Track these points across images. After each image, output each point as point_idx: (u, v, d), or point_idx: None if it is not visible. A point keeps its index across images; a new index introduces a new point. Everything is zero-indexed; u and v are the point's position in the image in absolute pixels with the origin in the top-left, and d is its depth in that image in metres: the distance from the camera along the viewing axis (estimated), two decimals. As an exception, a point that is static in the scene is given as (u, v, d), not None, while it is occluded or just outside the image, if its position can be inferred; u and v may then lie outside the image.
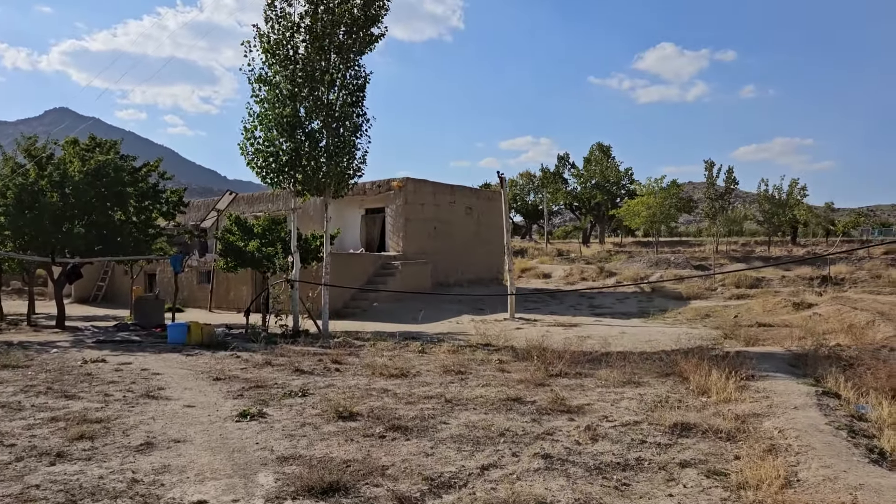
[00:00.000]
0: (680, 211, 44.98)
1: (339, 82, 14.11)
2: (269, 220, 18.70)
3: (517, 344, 12.53)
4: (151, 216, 18.77)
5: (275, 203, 28.95)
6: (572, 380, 8.72)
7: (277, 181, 14.40)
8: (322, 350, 12.18)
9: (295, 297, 15.01)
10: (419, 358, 11.07)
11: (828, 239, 56.73)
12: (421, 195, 25.94)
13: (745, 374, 7.98)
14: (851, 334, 11.83)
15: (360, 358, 11.14)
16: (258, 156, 14.14)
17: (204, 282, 26.17)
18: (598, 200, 57.31)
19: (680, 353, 10.13)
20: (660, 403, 7.15)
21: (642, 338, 14.60)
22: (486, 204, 29.09)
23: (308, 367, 10.07)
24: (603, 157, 59.97)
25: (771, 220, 41.37)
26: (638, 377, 8.63)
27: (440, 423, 6.53)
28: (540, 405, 7.17)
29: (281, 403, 7.60)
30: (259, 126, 14.17)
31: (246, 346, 13.09)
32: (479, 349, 11.93)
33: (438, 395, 7.82)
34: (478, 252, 28.39)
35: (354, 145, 14.38)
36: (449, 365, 9.94)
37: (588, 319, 19.41)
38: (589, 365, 9.54)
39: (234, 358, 11.35)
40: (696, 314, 19.44)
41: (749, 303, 20.58)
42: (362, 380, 9.05)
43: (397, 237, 25.40)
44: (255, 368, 10.13)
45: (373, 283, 22.99)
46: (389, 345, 12.64)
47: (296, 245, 15.23)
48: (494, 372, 9.53)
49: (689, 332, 15.45)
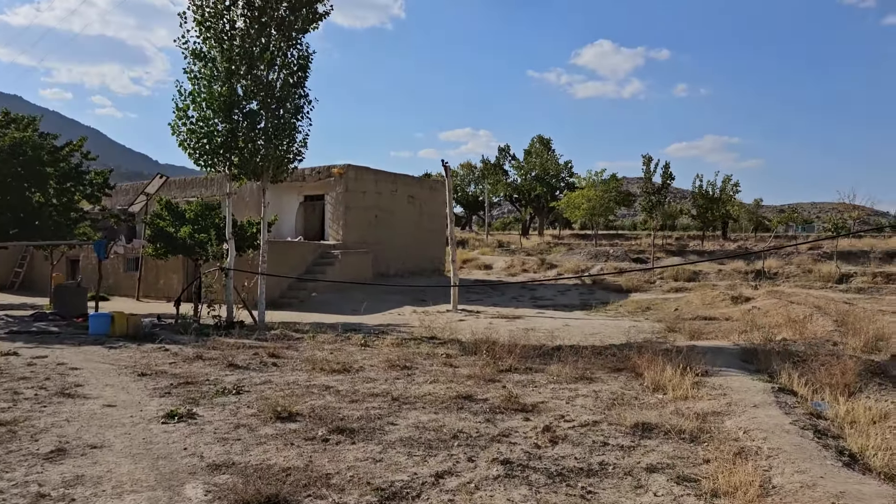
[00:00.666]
0: (619, 204, 45.63)
1: (280, 61, 13.38)
2: (203, 205, 17.79)
3: (463, 337, 12.17)
4: (74, 199, 17.58)
5: (209, 188, 27.77)
6: (523, 375, 8.39)
7: (212, 164, 13.59)
8: (258, 343, 11.53)
9: (229, 286, 14.24)
10: (362, 352, 10.58)
11: (756, 234, 58.65)
12: (362, 183, 25.29)
13: (699, 370, 7.82)
14: (793, 328, 11.93)
15: (298, 351, 10.56)
16: (191, 136, 13.29)
17: (132, 269, 24.86)
18: (537, 192, 57.63)
19: (630, 348, 9.96)
20: (616, 401, 6.89)
21: (587, 330, 14.47)
22: (428, 193, 28.65)
23: (243, 362, 9.44)
24: (543, 150, 60.33)
25: (705, 214, 42.38)
26: (590, 372, 8.37)
27: (388, 423, 6.08)
28: (493, 403, 6.80)
29: (213, 402, 7.00)
30: (192, 105, 13.31)
31: (175, 338, 12.31)
32: (423, 342, 11.51)
33: (384, 393, 7.36)
34: (420, 242, 27.94)
35: (295, 128, 13.69)
36: (394, 359, 9.48)
37: (531, 311, 19.25)
38: (539, 360, 9.24)
39: (162, 351, 10.59)
40: (637, 307, 19.54)
41: (688, 296, 20.82)
42: (302, 375, 8.50)
43: (337, 225, 24.70)
44: (185, 363, 9.44)
45: (312, 273, 22.26)
46: (330, 337, 12.09)
47: (231, 231, 14.45)
48: (441, 367, 9.13)
49: (632, 325, 15.43)
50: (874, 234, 38.43)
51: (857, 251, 30.72)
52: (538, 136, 61.34)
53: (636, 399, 7.00)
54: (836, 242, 27.97)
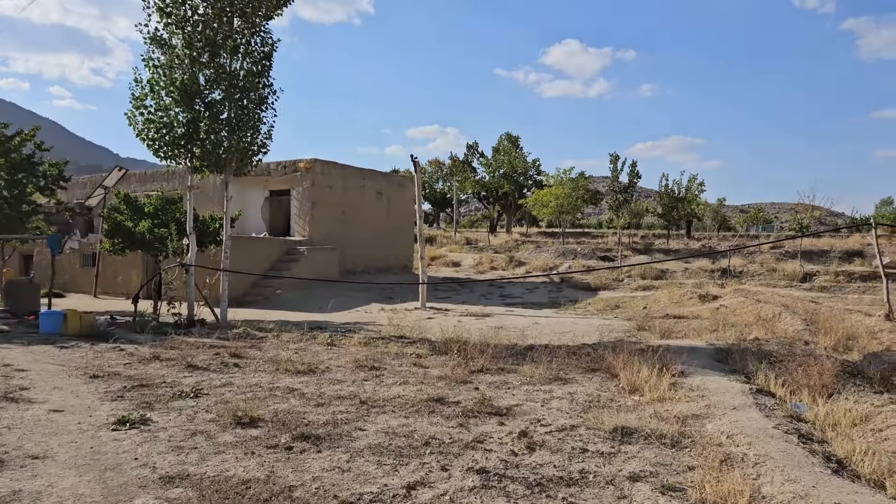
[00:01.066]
0: (587, 203, 45.78)
1: (244, 49, 12.91)
2: (163, 198, 17.19)
3: (432, 336, 11.88)
4: (26, 191, 16.84)
5: (170, 181, 27.00)
6: (496, 376, 8.14)
7: (172, 155, 13.05)
8: (219, 342, 11.08)
9: (190, 283, 13.73)
10: (328, 351, 10.21)
11: (719, 233, 59.46)
12: (329, 178, 24.82)
13: (675, 370, 7.64)
14: (764, 327, 11.90)
15: (262, 351, 10.15)
16: (149, 126, 12.74)
17: (88, 265, 24.04)
18: (505, 190, 57.56)
19: (604, 348, 9.78)
20: (592, 403, 6.67)
21: (557, 329, 14.29)
22: (396, 190, 28.28)
23: (202, 363, 9.02)
24: (511, 148, 60.29)
25: (671, 213, 42.73)
26: (564, 373, 8.15)
27: (356, 429, 5.76)
28: (465, 406, 6.52)
29: (169, 407, 6.59)
30: (151, 94, 12.77)
31: (132, 337, 11.78)
32: (392, 341, 11.18)
33: (352, 396, 7.03)
34: (388, 239, 27.57)
35: (259, 119, 13.23)
36: (361, 359, 9.15)
37: (500, 309, 19.04)
38: (512, 360, 8.99)
39: (117, 351, 10.09)
40: (605, 305, 19.47)
41: (656, 294, 20.82)
42: (265, 377, 8.12)
43: (303, 221, 24.20)
44: (141, 364, 8.98)
45: (276, 270, 21.75)
46: (295, 336, 11.70)
47: (192, 226, 13.93)
48: (411, 367, 8.83)
49: (602, 324, 15.31)
50: (833, 234, 39.13)
51: (818, 250, 31.20)
52: (506, 133, 61.30)
53: (612, 401, 6.78)
54: (801, 242, 28.34)
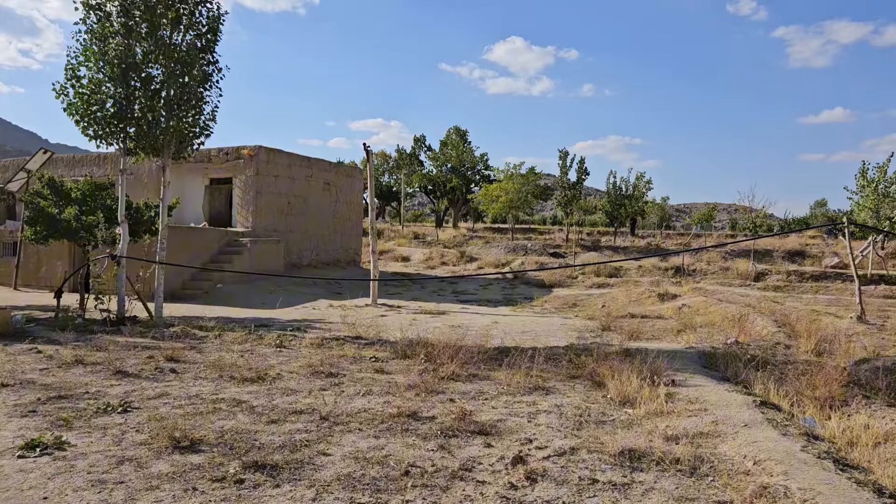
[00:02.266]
0: (537, 198, 45.49)
1: (186, 20, 11.73)
2: (91, 184, 15.75)
3: (390, 336, 11.02)
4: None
5: (101, 167, 25.24)
6: (468, 384, 7.34)
7: (103, 135, 11.78)
8: (153, 342, 9.96)
9: (121, 276, 12.47)
10: (278, 354, 9.23)
11: (662, 231, 60.23)
12: (275, 166, 23.57)
13: (664, 378, 7.00)
14: (735, 329, 11.48)
15: (202, 354, 9.10)
16: (79, 99, 11.44)
17: (8, 254, 22.17)
18: (453, 184, 56.84)
19: (577, 351, 9.11)
20: (583, 418, 5.94)
21: (517, 328, 13.63)
22: (345, 181, 27.19)
23: (134, 368, 7.93)
24: (459, 142, 59.60)
25: (618, 211, 42.81)
26: (542, 380, 7.42)
27: (319, 454, 4.87)
28: (442, 423, 5.71)
29: (91, 425, 5.56)
30: (85, 63, 11.48)
31: (53, 336, 10.52)
32: (347, 343, 10.26)
33: (310, 409, 6.13)
34: (335, 232, 26.49)
35: (202, 98, 12.07)
36: (316, 364, 8.22)
37: (454, 307, 18.30)
38: (483, 365, 8.21)
39: (34, 354, 8.87)
40: (563, 303, 18.96)
41: (612, 292, 20.45)
42: (206, 386, 7.12)
43: (247, 212, 22.90)
44: (61, 369, 7.83)
45: (217, 262, 20.45)
46: (239, 336, 10.65)
47: (124, 214, 12.66)
48: (372, 374, 7.95)
49: (564, 323, 14.73)
50: (778, 235, 39.82)
51: (762, 250, 31.61)
52: (454, 126, 60.56)
53: (604, 415, 6.08)
54: (753, 243, 28.59)
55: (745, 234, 52.23)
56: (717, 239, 45.64)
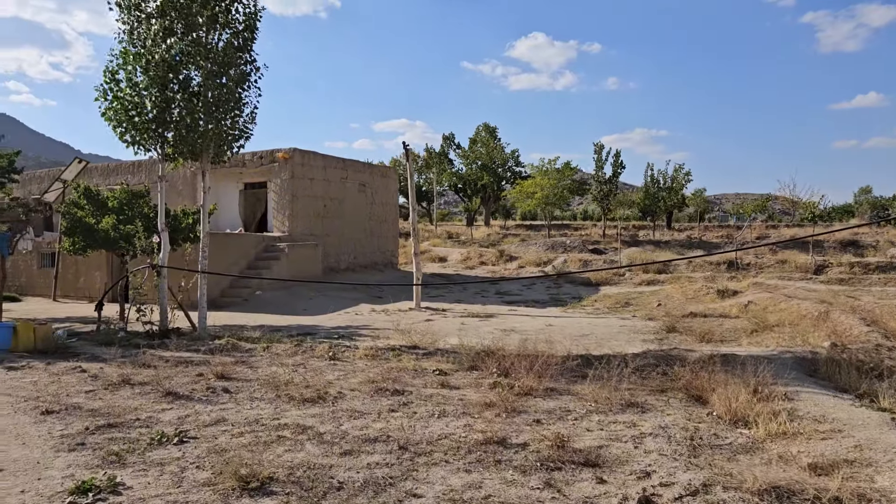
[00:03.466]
0: (573, 194, 44.50)
1: (223, 18, 11.21)
2: (128, 192, 15.38)
3: (447, 344, 10.37)
4: (-29, 184, 14.91)
5: (136, 175, 25.03)
6: (549, 401, 6.65)
7: (141, 141, 11.32)
8: (201, 357, 9.43)
9: (163, 286, 12.00)
10: (332, 368, 8.63)
11: (700, 223, 58.75)
12: (310, 169, 23.08)
13: (775, 391, 6.24)
14: (818, 328, 10.61)
15: (254, 369, 8.53)
16: (118, 103, 10.98)
17: (47, 265, 21.99)
18: (484, 182, 56.07)
19: (655, 358, 8.36)
20: (695, 442, 5.22)
21: (574, 331, 12.90)
22: (380, 181, 26.62)
23: (184, 388, 7.38)
24: (489, 139, 58.83)
25: (657, 204, 41.67)
26: (631, 394, 6.70)
27: (408, 495, 4.23)
28: (538, 451, 5.03)
29: (146, 459, 4.99)
30: (124, 66, 11.05)
31: (96, 352, 10.06)
32: (403, 353, 9.63)
33: (383, 436, 5.49)
34: (372, 234, 25.95)
35: (241, 99, 11.54)
36: (377, 379, 7.61)
37: (502, 308, 17.61)
38: (560, 377, 7.50)
39: (78, 373, 8.38)
40: (614, 302, 18.14)
41: (664, 289, 19.58)
42: (265, 408, 6.52)
43: (282, 216, 22.44)
44: (108, 391, 7.31)
45: (255, 268, 20.01)
46: (288, 347, 10.07)
47: (164, 222, 12.19)
48: (439, 389, 7.30)
49: (622, 324, 13.96)
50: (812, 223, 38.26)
51: (813, 241, 30.37)
52: (484, 124, 59.77)
53: (717, 437, 5.35)
54: (804, 233, 27.39)
55: (788, 223, 50.63)
56: (760, 229, 44.23)
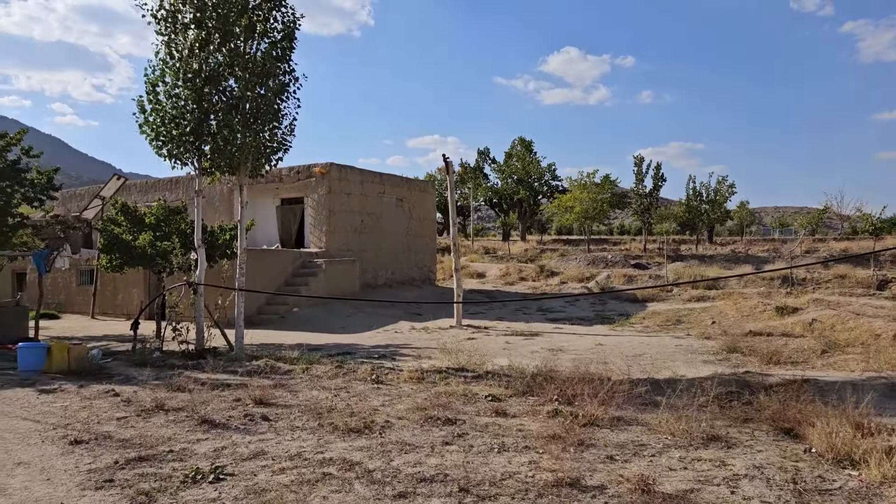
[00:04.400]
0: (614, 207, 43.55)
1: (261, 27, 10.87)
2: (165, 207, 15.15)
3: (496, 365, 9.77)
4: (11, 201, 14.78)
5: (173, 191, 25.00)
6: (618, 432, 6.00)
7: (178, 154, 11.00)
8: (238, 380, 8.97)
9: (199, 304, 11.63)
10: (376, 392, 8.08)
11: (743, 237, 57.16)
12: (347, 184, 22.74)
13: (880, 424, 5.51)
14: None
15: (293, 393, 8.03)
16: (156, 115, 10.69)
17: (86, 283, 21.98)
18: (520, 196, 55.36)
19: (723, 382, 7.64)
20: (798, 486, 4.53)
21: (627, 351, 12.19)
22: (418, 196, 26.19)
23: (220, 415, 6.89)
24: (525, 153, 58.18)
25: (700, 217, 40.50)
26: (709, 426, 6.00)
27: (477, 552, 3.64)
28: (618, 495, 4.39)
29: (178, 501, 4.48)
30: (162, 78, 10.79)
31: (131, 373, 9.68)
32: (451, 376, 9.05)
33: (439, 474, 4.90)
34: (409, 249, 25.49)
35: (279, 110, 11.16)
36: (425, 405, 7.04)
37: (546, 326, 16.92)
38: (626, 403, 6.84)
39: (111, 397, 7.97)
40: (664, 319, 17.32)
41: (716, 305, 18.68)
42: (307, 439, 5.99)
43: (319, 231, 22.10)
44: (140, 417, 6.86)
45: (292, 285, 19.66)
46: (329, 369, 9.56)
47: (201, 238, 11.84)
48: (494, 417, 6.70)
49: (678, 344, 13.19)
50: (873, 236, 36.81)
51: (865, 255, 29.05)
52: (520, 138, 59.19)
53: (823, 480, 4.65)
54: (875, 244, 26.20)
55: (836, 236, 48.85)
56: (808, 243, 42.70)
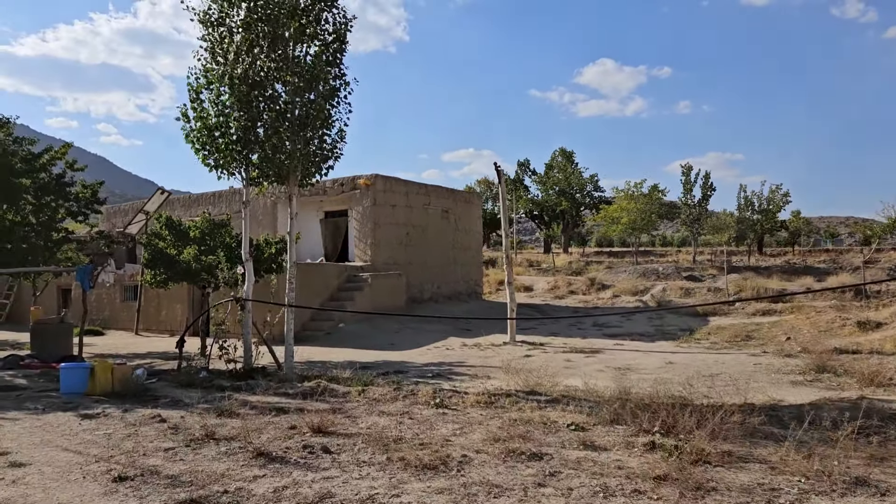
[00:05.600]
0: (662, 218, 42.21)
1: (311, 30, 10.33)
2: (210, 221, 14.72)
3: (568, 387, 8.95)
4: (56, 216, 14.53)
5: (216, 205, 24.74)
6: (733, 471, 5.15)
7: (224, 164, 10.49)
8: (291, 403, 8.32)
9: (247, 321, 11.06)
10: (443, 419, 7.34)
11: (794, 248, 55.14)
12: (392, 196, 22.17)
13: None
14: None
15: (352, 419, 7.33)
16: (201, 123, 10.21)
17: (130, 299, 21.75)
18: (562, 208, 54.32)
19: (830, 410, 6.71)
20: None
21: (701, 370, 11.27)
22: (463, 207, 25.51)
23: (277, 446, 6.21)
24: (566, 164, 57.21)
25: (753, 227, 38.98)
26: (844, 465, 5.12)
27: None
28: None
29: (239, 559, 3.79)
30: (207, 86, 10.32)
31: (177, 395, 9.12)
32: (520, 399, 8.26)
33: (542, 526, 4.13)
34: (455, 262, 24.79)
35: (330, 116, 10.58)
36: (502, 436, 6.26)
37: (606, 342, 16.01)
38: (736, 436, 5.96)
39: (157, 422, 7.37)
40: (732, 335, 16.25)
41: (785, 320, 17.56)
42: (377, 477, 5.26)
43: (364, 244, 21.55)
44: (190, 448, 6.22)
45: (337, 300, 19.10)
46: (387, 392, 8.84)
47: (248, 251, 11.30)
48: (583, 450, 5.90)
49: (756, 362, 12.19)
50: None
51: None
52: (560, 149, 58.24)
53: None
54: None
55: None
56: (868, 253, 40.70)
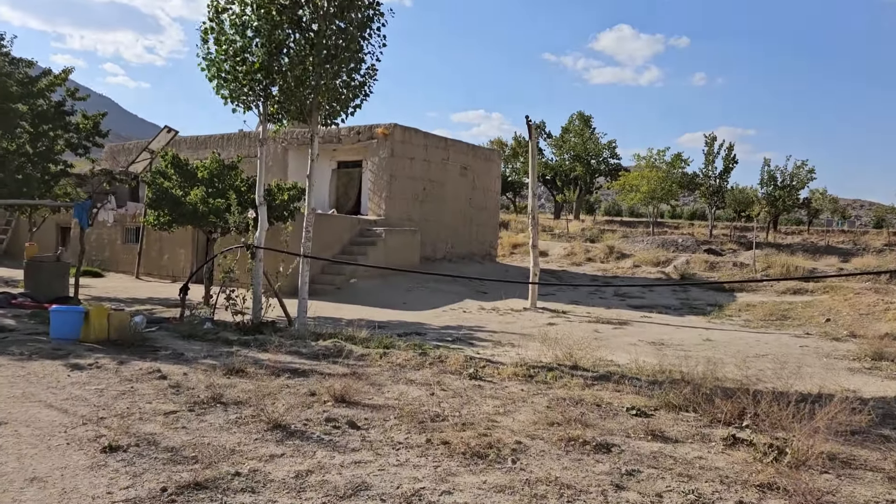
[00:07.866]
0: (683, 188, 40.91)
1: (342, -53, 9.18)
2: (220, 161, 13.74)
3: (612, 361, 8.08)
4: (54, 147, 13.53)
5: (225, 148, 23.62)
6: (842, 478, 4.27)
7: (242, 95, 9.43)
8: (305, 363, 7.45)
9: (258, 271, 10.14)
10: (480, 392, 6.45)
11: (810, 227, 54.00)
12: (410, 147, 21.07)
13: None
14: None
15: (377, 388, 6.45)
16: (219, 47, 9.10)
17: (131, 241, 20.84)
18: (577, 173, 53.02)
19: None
20: None
21: (742, 349, 10.43)
22: (482, 165, 24.40)
23: (295, 416, 5.33)
24: (584, 128, 55.70)
25: (776, 203, 37.80)
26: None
27: None
28: None
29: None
30: (229, 5, 9.19)
31: (179, 347, 8.25)
32: (565, 375, 7.37)
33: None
34: (471, 222, 23.79)
35: (361, 48, 9.50)
36: (555, 419, 5.38)
37: (633, 315, 15.12)
38: (836, 437, 5.07)
39: (157, 378, 6.49)
40: (766, 313, 15.32)
41: (819, 300, 16.64)
42: (420, 465, 4.37)
43: (379, 198, 20.55)
44: (193, 413, 5.34)
45: (349, 254, 18.20)
46: (410, 356, 7.95)
47: (262, 195, 10.32)
48: (651, 441, 5.01)
49: (802, 344, 11.31)
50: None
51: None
52: (578, 112, 56.62)
53: None
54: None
55: None
56: (888, 236, 39.76)
